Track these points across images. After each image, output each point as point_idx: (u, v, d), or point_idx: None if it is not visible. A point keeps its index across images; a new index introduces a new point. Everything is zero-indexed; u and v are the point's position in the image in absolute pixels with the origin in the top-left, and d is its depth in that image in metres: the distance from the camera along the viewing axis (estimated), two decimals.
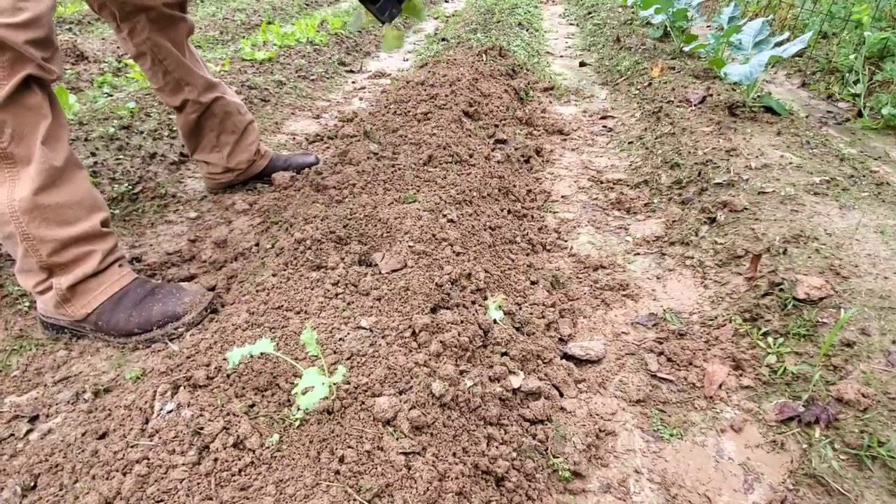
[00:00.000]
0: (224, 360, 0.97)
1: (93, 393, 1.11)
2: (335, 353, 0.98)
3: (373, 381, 0.91)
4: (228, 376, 0.94)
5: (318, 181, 1.79)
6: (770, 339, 1.22)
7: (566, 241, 1.73)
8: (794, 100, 3.07)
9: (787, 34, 2.40)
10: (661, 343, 1.29)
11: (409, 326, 1.06)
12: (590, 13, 5.39)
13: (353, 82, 3.42)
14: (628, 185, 2.07)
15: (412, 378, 0.94)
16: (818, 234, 1.47)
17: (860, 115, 2.71)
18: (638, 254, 1.67)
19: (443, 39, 4.00)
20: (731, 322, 1.31)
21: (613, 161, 2.32)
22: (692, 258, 1.58)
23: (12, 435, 1.04)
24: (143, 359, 1.21)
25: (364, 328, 1.05)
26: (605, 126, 2.70)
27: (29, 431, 1.05)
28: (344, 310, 1.10)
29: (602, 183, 2.11)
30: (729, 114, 2.33)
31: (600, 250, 1.69)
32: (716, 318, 1.35)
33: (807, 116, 2.70)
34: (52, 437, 1.01)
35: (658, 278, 1.55)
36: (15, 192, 1.08)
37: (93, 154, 2.03)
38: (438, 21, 5.48)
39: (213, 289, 1.40)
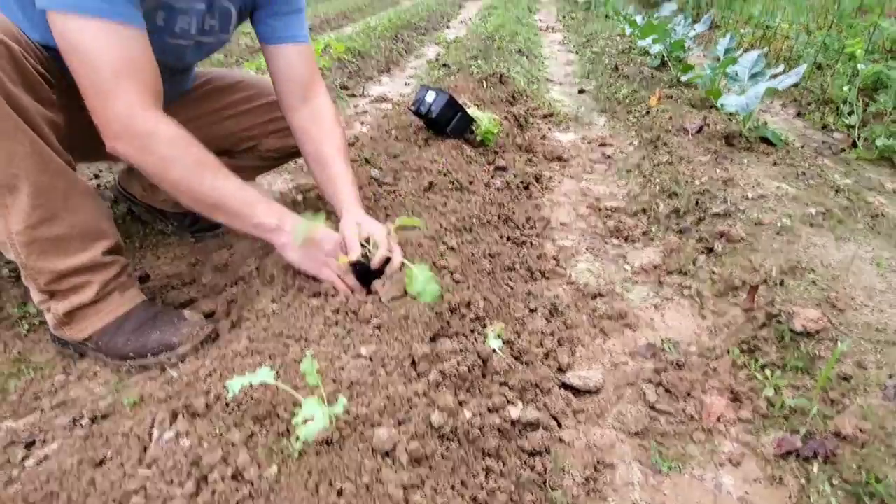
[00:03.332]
0: (223, 387, 0.97)
1: (90, 419, 1.11)
2: (335, 381, 0.98)
3: (372, 412, 0.91)
4: (227, 405, 0.94)
5: (319, 206, 1.80)
6: (768, 372, 1.23)
7: (565, 269, 1.75)
8: (789, 129, 3.11)
9: (781, 66, 2.45)
10: (659, 374, 1.29)
11: (409, 355, 1.06)
12: (588, 41, 5.49)
13: (356, 106, 3.46)
14: (626, 214, 2.09)
15: (411, 408, 0.94)
16: (814, 265, 1.49)
17: (855, 145, 2.75)
18: (636, 282, 1.68)
19: (444, 65, 4.05)
20: (728, 353, 1.32)
21: (612, 188, 2.34)
22: (690, 288, 1.59)
23: (8, 461, 1.03)
24: (141, 384, 1.21)
25: (364, 356, 1.05)
26: (603, 153, 2.74)
27: (25, 458, 1.04)
28: (344, 337, 1.10)
29: (600, 210, 2.13)
30: (726, 143, 2.37)
31: (599, 278, 1.70)
32: (714, 349, 1.36)
33: (802, 146, 2.73)
34: (48, 464, 1.00)
35: (656, 307, 1.55)
36: (10, 222, 1.06)
37: (96, 176, 2.05)
38: (440, 47, 5.56)
39: (212, 313, 1.41)
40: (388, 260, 1.23)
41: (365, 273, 1.23)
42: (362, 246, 1.23)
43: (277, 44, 1.38)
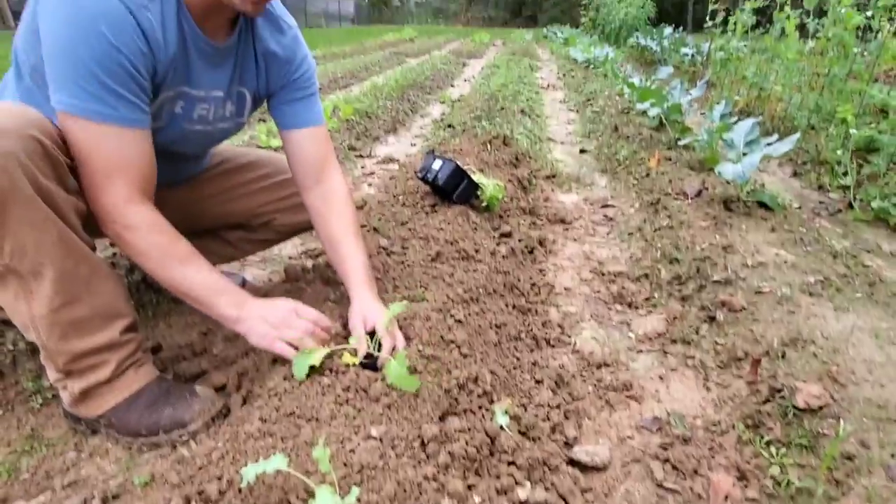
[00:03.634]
0: (236, 472, 0.99)
1: (101, 499, 1.12)
2: (346, 465, 1.00)
3: (383, 499, 0.92)
4: (240, 490, 0.95)
5: (328, 274, 1.85)
6: (773, 449, 1.24)
7: (570, 337, 1.77)
8: (786, 189, 3.19)
9: (776, 136, 2.54)
10: (665, 449, 1.30)
11: (419, 436, 1.08)
12: (589, 100, 5.66)
13: (363, 167, 3.56)
14: (629, 279, 2.12)
15: (421, 494, 0.95)
16: (815, 337, 1.51)
17: (851, 206, 2.81)
18: (640, 351, 1.70)
19: (448, 126, 4.18)
20: (734, 428, 1.33)
21: (614, 252, 2.39)
22: (693, 358, 1.61)
23: None
24: (152, 462, 1.22)
25: (374, 437, 1.07)
26: (605, 215, 2.80)
27: None
28: (354, 417, 1.12)
29: (604, 275, 2.17)
30: (724, 208, 2.43)
31: (603, 346, 1.73)
32: (719, 423, 1.37)
33: (799, 207, 2.80)
34: None
35: (661, 378, 1.57)
36: (33, 307, 1.10)
37: (112, 244, 2.11)
38: (444, 105, 5.74)
39: (223, 387, 1.43)
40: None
41: (371, 364, 1.27)
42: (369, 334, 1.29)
43: (291, 129, 1.46)
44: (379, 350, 1.27)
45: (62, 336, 1.14)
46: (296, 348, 1.25)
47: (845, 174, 3.02)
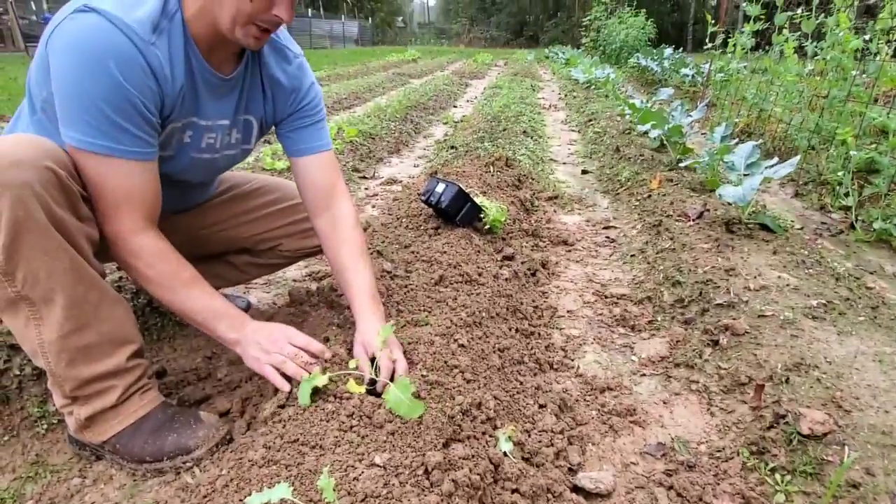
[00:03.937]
0: (241, 500, 0.99)
1: None
2: (350, 494, 1.00)
3: None
4: None
5: (333, 298, 1.86)
6: (778, 476, 1.23)
7: (573, 360, 1.77)
8: (788, 210, 3.20)
9: (776, 159, 2.55)
10: (670, 476, 1.30)
11: (423, 464, 1.08)
12: (590, 121, 5.71)
13: (366, 189, 3.59)
14: (632, 301, 2.13)
15: None
16: (818, 361, 1.51)
17: (853, 227, 2.82)
18: (644, 375, 1.70)
19: (451, 147, 4.22)
20: (738, 455, 1.32)
21: (617, 274, 2.39)
22: (697, 382, 1.61)
23: None
24: (156, 489, 1.23)
25: (378, 465, 1.07)
26: (607, 237, 2.81)
27: None
28: (358, 445, 1.12)
29: (606, 297, 2.18)
30: (726, 230, 2.44)
31: (606, 370, 1.73)
32: (723, 449, 1.36)
33: (801, 228, 2.81)
34: None
35: (665, 403, 1.57)
36: (43, 333, 1.12)
37: (118, 268, 2.12)
38: (447, 126, 5.79)
39: (227, 412, 1.44)
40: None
41: (374, 389, 1.27)
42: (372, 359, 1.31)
43: (299, 155, 1.48)
44: (378, 374, 1.28)
45: (70, 362, 1.16)
46: (286, 375, 1.27)
47: (847, 195, 3.04)
